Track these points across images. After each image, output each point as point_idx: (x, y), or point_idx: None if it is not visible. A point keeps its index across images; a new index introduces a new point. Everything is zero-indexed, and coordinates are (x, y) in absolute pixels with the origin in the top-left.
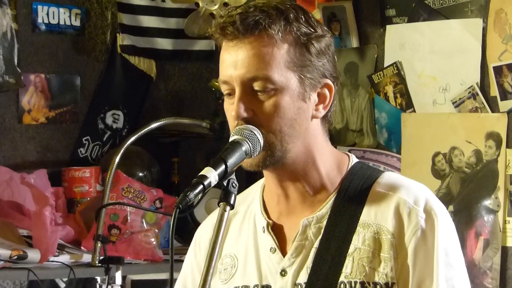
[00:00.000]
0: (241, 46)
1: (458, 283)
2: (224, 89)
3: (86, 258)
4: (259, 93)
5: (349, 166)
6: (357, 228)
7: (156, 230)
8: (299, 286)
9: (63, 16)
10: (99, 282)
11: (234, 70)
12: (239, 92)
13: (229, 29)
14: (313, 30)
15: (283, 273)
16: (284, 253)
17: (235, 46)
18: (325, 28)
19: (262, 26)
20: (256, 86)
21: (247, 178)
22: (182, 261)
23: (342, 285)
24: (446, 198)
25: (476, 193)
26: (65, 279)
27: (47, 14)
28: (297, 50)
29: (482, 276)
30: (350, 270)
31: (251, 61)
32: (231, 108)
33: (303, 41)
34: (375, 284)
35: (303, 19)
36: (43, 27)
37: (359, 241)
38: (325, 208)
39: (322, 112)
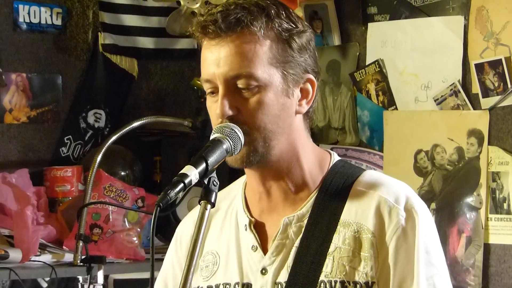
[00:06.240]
0: (223, 44)
1: (439, 281)
2: (206, 87)
3: (68, 257)
4: (242, 91)
5: (331, 164)
6: (338, 227)
7: (138, 229)
8: (279, 285)
9: (45, 15)
10: (81, 281)
11: (216, 68)
12: (222, 90)
13: (211, 28)
14: (294, 26)
15: (263, 271)
16: (265, 251)
17: (217, 44)
18: (305, 23)
19: (244, 24)
20: (240, 83)
21: (229, 176)
22: None
23: (322, 284)
24: (428, 195)
25: (458, 191)
26: (47, 279)
27: (28, 13)
28: (279, 46)
29: (464, 273)
30: (330, 269)
31: (234, 59)
32: (215, 106)
33: (285, 37)
34: (355, 283)
35: (284, 15)
36: (24, 26)
37: (340, 240)
38: (306, 207)
39: (305, 107)
